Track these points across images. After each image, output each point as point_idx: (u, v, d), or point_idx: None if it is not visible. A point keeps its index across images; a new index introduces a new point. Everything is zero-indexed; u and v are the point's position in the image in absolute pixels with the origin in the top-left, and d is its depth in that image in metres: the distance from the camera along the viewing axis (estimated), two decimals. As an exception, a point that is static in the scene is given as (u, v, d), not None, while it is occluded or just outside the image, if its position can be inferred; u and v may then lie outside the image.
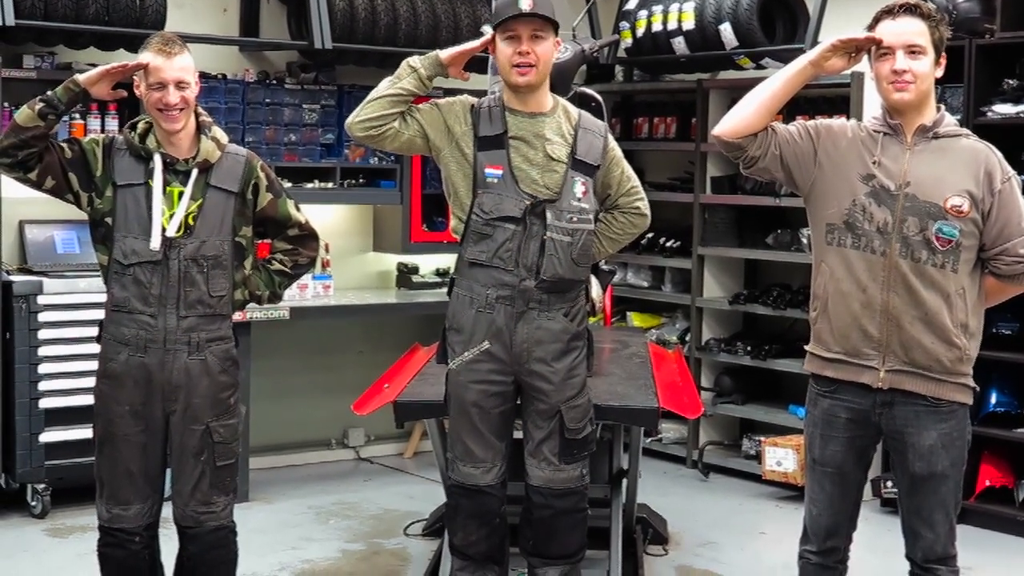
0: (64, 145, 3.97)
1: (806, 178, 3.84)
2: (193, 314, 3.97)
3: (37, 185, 3.94)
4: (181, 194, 3.96)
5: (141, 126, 4.03)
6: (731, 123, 3.83)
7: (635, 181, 4.47)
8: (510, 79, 4.22)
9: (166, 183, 3.96)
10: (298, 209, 4.22)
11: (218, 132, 4.09)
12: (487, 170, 4.21)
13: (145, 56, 3.94)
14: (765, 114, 3.80)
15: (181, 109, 3.93)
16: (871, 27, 3.74)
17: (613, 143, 4.42)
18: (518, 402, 4.38)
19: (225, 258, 4.01)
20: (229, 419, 4.05)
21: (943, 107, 3.84)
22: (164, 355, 3.95)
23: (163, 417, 3.99)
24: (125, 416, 3.97)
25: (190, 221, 3.96)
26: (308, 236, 4.25)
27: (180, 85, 3.91)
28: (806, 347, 3.92)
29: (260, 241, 4.23)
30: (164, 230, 3.92)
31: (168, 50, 3.92)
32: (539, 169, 4.22)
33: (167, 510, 4.09)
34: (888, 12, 3.72)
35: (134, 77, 3.97)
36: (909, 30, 3.67)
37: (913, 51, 3.67)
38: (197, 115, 4.03)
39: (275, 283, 4.21)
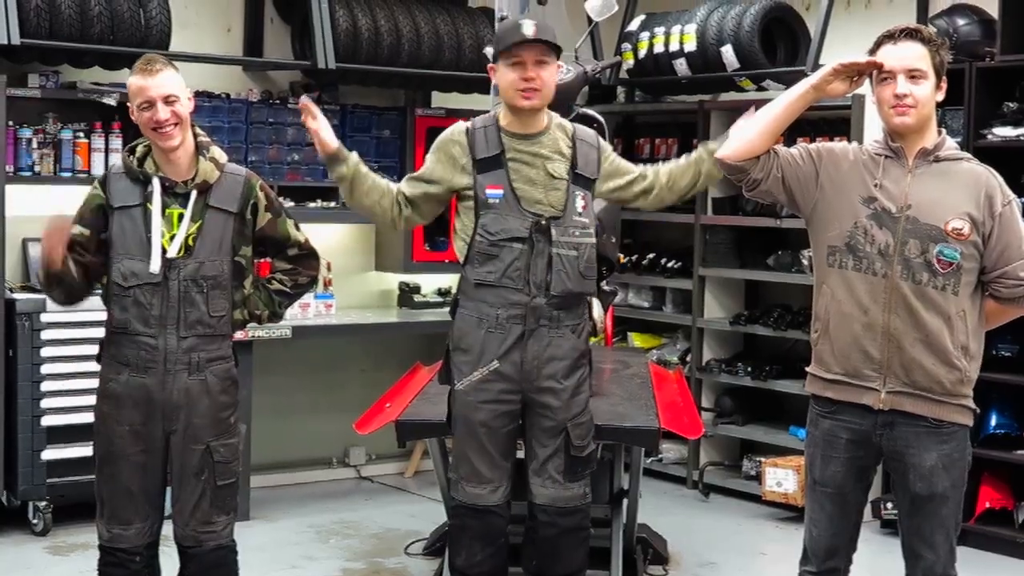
0: (78, 244, 3.97)
1: (808, 200, 3.85)
2: (193, 334, 3.97)
3: (96, 287, 4.09)
4: (181, 216, 3.96)
5: (140, 149, 4.03)
6: (734, 146, 3.85)
7: (632, 174, 4.44)
8: (515, 103, 4.24)
9: (165, 205, 3.96)
10: (298, 228, 4.21)
11: (216, 152, 4.08)
12: (487, 191, 4.23)
13: (130, 80, 3.97)
14: (768, 137, 3.82)
15: (175, 124, 3.93)
16: (872, 51, 3.76)
17: (607, 150, 4.42)
18: (520, 421, 4.38)
19: (225, 278, 4.01)
20: (229, 438, 4.06)
21: (944, 130, 3.85)
22: (164, 375, 3.95)
23: (163, 437, 3.99)
24: (125, 436, 3.98)
25: (190, 242, 3.96)
26: (308, 255, 4.25)
27: (168, 100, 3.91)
28: (807, 368, 3.92)
29: (260, 260, 4.24)
30: (164, 252, 3.93)
31: (149, 68, 3.94)
32: (542, 188, 4.24)
33: (167, 529, 4.09)
34: (889, 36, 3.74)
35: (127, 104, 4.00)
36: (910, 54, 3.69)
37: (914, 75, 3.68)
38: (195, 136, 4.04)
39: (275, 303, 4.20)
